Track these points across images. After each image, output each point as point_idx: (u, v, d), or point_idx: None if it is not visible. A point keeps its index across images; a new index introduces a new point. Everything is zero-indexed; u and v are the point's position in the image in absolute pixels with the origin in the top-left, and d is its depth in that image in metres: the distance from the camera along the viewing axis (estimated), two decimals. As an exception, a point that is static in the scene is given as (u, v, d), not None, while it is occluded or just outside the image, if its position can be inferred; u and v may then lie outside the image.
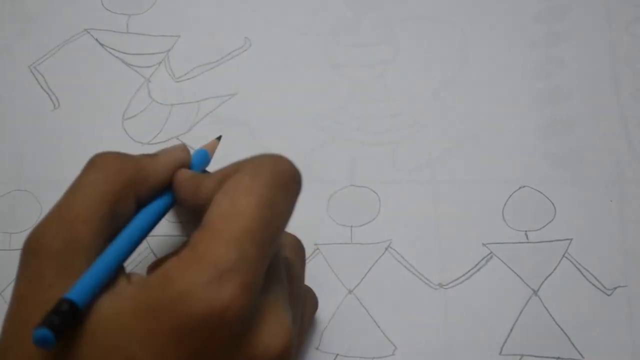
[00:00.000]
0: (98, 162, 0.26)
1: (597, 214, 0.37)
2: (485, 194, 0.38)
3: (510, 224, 0.37)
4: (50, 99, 0.41)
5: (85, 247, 0.24)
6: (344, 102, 0.40)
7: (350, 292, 0.36)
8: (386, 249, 0.36)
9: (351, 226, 0.37)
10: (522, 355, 0.34)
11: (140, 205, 0.27)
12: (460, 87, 0.41)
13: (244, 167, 0.25)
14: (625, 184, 0.37)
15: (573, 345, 0.34)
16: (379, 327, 0.35)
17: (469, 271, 0.36)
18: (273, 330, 0.24)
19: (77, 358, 0.22)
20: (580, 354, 0.34)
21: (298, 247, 0.31)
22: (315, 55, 0.42)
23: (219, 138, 0.34)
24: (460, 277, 0.36)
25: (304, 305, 0.31)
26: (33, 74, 0.42)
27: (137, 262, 0.36)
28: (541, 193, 0.37)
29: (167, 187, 0.28)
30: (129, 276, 0.24)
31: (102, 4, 0.44)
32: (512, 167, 0.38)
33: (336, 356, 0.34)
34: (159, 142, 0.40)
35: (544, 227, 0.37)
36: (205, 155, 0.31)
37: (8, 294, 0.36)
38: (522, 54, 0.41)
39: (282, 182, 0.25)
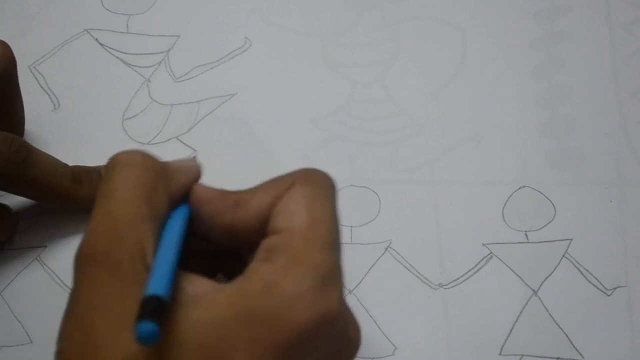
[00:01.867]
0: (123, 161, 0.26)
1: (597, 214, 0.37)
2: (485, 194, 0.38)
3: (510, 224, 0.37)
4: (50, 99, 0.41)
5: (139, 249, 0.23)
6: (344, 102, 0.40)
7: (350, 292, 0.36)
8: (386, 249, 0.36)
9: (351, 226, 0.37)
10: (522, 355, 0.34)
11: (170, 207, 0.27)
12: (460, 87, 0.41)
13: (301, 179, 0.26)
14: (625, 184, 0.37)
15: (573, 345, 0.34)
16: (379, 327, 0.35)
17: (469, 271, 0.36)
18: (351, 324, 0.25)
19: None
20: (580, 354, 0.34)
21: None
22: (315, 55, 0.42)
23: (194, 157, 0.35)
24: (460, 277, 0.36)
25: None
26: (33, 74, 0.42)
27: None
28: (541, 193, 0.37)
29: (184, 199, 0.27)
30: (190, 280, 0.24)
31: (102, 4, 0.44)
32: (512, 167, 0.38)
33: (336, 356, 0.34)
34: (159, 142, 0.40)
35: (544, 227, 0.37)
36: None
37: (8, 294, 0.36)
38: (522, 54, 0.41)
39: (334, 192, 0.27)
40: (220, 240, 0.27)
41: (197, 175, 0.28)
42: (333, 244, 0.24)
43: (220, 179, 0.29)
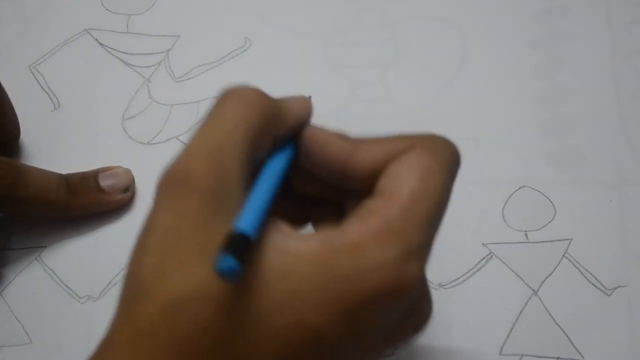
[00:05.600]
0: (238, 94, 0.24)
1: (597, 214, 0.37)
2: (485, 194, 0.37)
3: (510, 224, 0.37)
4: (50, 99, 0.41)
5: (235, 186, 0.22)
6: (344, 102, 0.40)
7: (350, 292, 0.35)
8: (386, 249, 0.36)
9: (351, 226, 0.37)
10: (522, 355, 0.34)
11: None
12: (460, 87, 0.41)
13: (423, 144, 0.25)
14: (625, 184, 0.37)
15: (573, 345, 0.34)
16: (379, 327, 0.35)
17: (469, 271, 0.36)
18: (424, 300, 0.26)
19: (244, 308, 0.21)
20: (580, 354, 0.34)
21: None
22: (315, 55, 0.42)
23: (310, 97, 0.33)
24: (460, 277, 0.36)
25: None
26: (33, 74, 0.42)
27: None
28: (541, 193, 0.37)
29: (289, 139, 0.26)
30: (278, 227, 0.23)
31: (102, 4, 0.44)
32: (512, 167, 0.38)
33: (336, 356, 0.34)
34: (159, 142, 0.40)
35: (544, 227, 0.37)
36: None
37: (8, 294, 0.36)
38: (522, 54, 0.41)
39: (455, 167, 0.26)
40: (328, 181, 0.27)
41: (308, 116, 0.27)
42: (432, 222, 0.24)
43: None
